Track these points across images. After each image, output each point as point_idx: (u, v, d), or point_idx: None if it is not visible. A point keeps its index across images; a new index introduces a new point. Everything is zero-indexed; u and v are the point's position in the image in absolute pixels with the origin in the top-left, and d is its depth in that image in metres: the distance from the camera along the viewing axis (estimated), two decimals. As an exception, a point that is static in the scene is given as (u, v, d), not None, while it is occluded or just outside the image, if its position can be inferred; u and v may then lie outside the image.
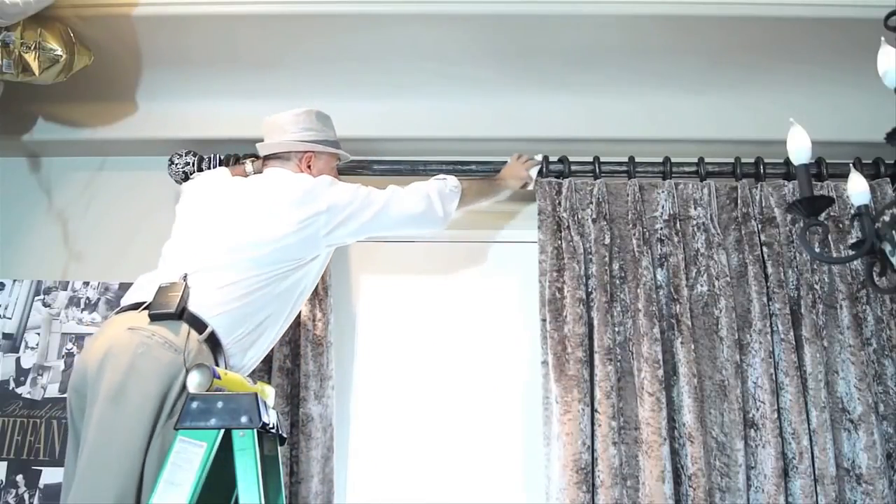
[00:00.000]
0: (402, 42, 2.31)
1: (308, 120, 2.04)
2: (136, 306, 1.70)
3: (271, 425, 1.64)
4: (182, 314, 1.65)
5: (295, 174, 1.94)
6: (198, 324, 1.66)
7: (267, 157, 2.04)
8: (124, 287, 2.20)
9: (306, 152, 2.01)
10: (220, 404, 1.51)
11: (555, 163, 2.43)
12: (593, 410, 2.16)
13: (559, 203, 2.37)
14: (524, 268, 2.46)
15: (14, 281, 2.53)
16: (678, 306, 2.24)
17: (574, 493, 2.07)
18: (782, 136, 1.55)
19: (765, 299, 2.24)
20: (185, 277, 1.71)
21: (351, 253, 2.50)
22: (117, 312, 1.74)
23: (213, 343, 1.68)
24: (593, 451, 2.13)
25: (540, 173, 2.41)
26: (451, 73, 2.42)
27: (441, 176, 2.15)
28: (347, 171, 2.40)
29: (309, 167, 2.00)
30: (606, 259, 2.29)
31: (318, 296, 2.30)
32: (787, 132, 1.54)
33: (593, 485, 2.11)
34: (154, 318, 1.64)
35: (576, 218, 2.36)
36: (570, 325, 2.23)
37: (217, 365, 1.66)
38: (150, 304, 1.67)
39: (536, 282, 2.31)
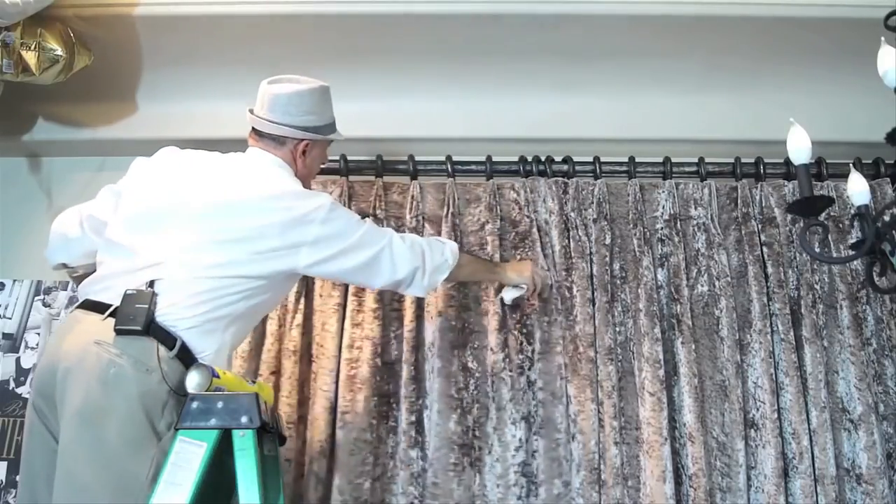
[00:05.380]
0: (402, 42, 2.31)
1: (311, 101, 1.87)
2: (101, 307, 1.59)
3: (271, 425, 1.64)
4: (149, 328, 1.53)
5: (285, 178, 1.80)
6: (167, 338, 1.55)
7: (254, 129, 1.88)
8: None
9: (303, 140, 1.87)
10: (220, 404, 1.51)
11: (559, 163, 2.42)
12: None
13: (566, 203, 2.37)
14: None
15: (14, 281, 2.53)
16: (679, 306, 2.24)
17: (588, 493, 2.07)
18: (782, 136, 1.55)
19: (765, 299, 2.24)
20: (151, 284, 1.58)
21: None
22: (80, 306, 1.64)
23: (187, 358, 1.57)
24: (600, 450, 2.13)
25: (542, 174, 2.40)
26: (452, 72, 2.41)
27: (441, 239, 1.99)
28: (348, 171, 2.40)
29: (304, 154, 1.88)
30: (607, 259, 2.29)
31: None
32: (787, 132, 1.54)
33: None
34: (120, 332, 1.53)
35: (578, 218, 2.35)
36: (580, 325, 2.23)
37: None
38: (116, 313, 1.55)
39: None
